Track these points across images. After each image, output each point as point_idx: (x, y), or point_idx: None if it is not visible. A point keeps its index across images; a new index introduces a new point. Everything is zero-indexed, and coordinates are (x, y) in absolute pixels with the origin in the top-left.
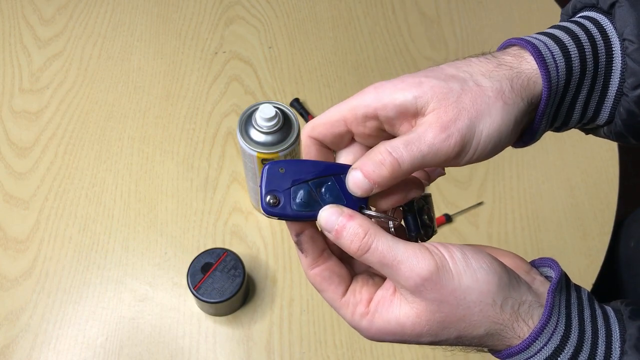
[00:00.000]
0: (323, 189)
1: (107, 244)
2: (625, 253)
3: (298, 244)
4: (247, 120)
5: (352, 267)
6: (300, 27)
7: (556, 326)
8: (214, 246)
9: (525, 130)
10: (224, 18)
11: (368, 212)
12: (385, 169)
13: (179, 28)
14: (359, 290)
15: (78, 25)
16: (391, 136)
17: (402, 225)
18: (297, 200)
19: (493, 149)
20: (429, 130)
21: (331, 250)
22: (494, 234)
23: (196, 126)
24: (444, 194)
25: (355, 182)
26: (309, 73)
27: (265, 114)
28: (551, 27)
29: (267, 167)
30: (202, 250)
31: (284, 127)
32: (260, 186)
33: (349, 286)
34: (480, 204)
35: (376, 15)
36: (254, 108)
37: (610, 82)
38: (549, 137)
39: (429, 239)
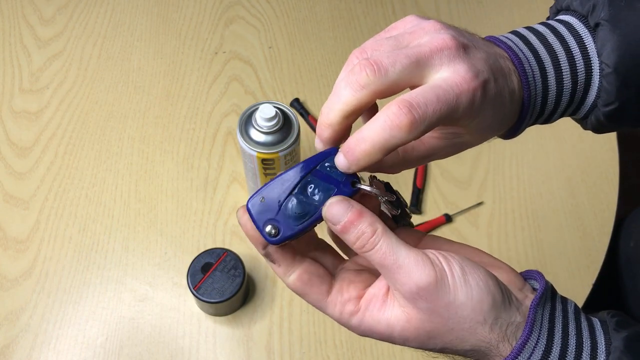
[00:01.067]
0: (309, 191)
1: (107, 244)
2: (625, 253)
3: (267, 256)
4: (247, 120)
5: (325, 264)
6: (300, 27)
7: (537, 342)
8: (214, 246)
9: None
10: (224, 18)
11: (362, 186)
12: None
13: (179, 28)
14: (346, 289)
15: (78, 25)
16: None
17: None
18: (293, 215)
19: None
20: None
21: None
22: (494, 234)
23: (196, 126)
24: (444, 194)
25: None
26: (309, 73)
27: (265, 114)
28: (534, 34)
29: (249, 204)
30: (202, 250)
31: (284, 127)
32: (255, 225)
33: (331, 284)
34: (480, 204)
35: (376, 15)
36: (254, 108)
37: (588, 95)
38: (549, 137)
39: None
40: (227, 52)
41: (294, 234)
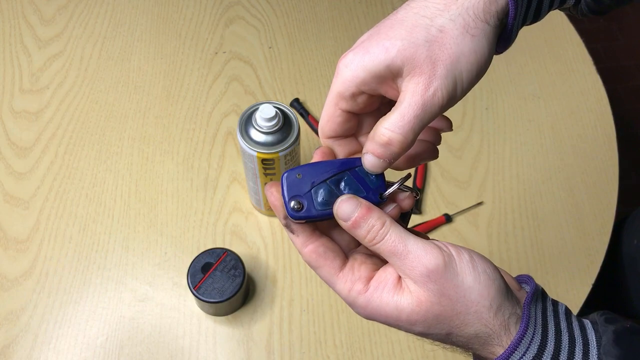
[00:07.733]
0: (342, 185)
1: (107, 244)
2: (628, 252)
3: (287, 226)
4: (247, 120)
5: (341, 243)
6: (300, 27)
7: (533, 337)
8: (214, 246)
9: (498, 39)
10: (224, 18)
11: (389, 192)
12: (393, 147)
13: (179, 28)
14: (358, 268)
15: (78, 25)
16: (384, 99)
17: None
18: (320, 200)
19: (478, 77)
20: (415, 96)
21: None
22: (494, 234)
23: (196, 126)
24: (444, 194)
25: (372, 164)
26: (309, 73)
27: (265, 114)
28: None
29: (285, 175)
30: (202, 250)
31: (284, 127)
32: (283, 194)
33: (344, 262)
34: (480, 204)
35: (376, 15)
36: (254, 108)
37: None
38: (549, 138)
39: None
40: (227, 52)
41: (313, 217)
